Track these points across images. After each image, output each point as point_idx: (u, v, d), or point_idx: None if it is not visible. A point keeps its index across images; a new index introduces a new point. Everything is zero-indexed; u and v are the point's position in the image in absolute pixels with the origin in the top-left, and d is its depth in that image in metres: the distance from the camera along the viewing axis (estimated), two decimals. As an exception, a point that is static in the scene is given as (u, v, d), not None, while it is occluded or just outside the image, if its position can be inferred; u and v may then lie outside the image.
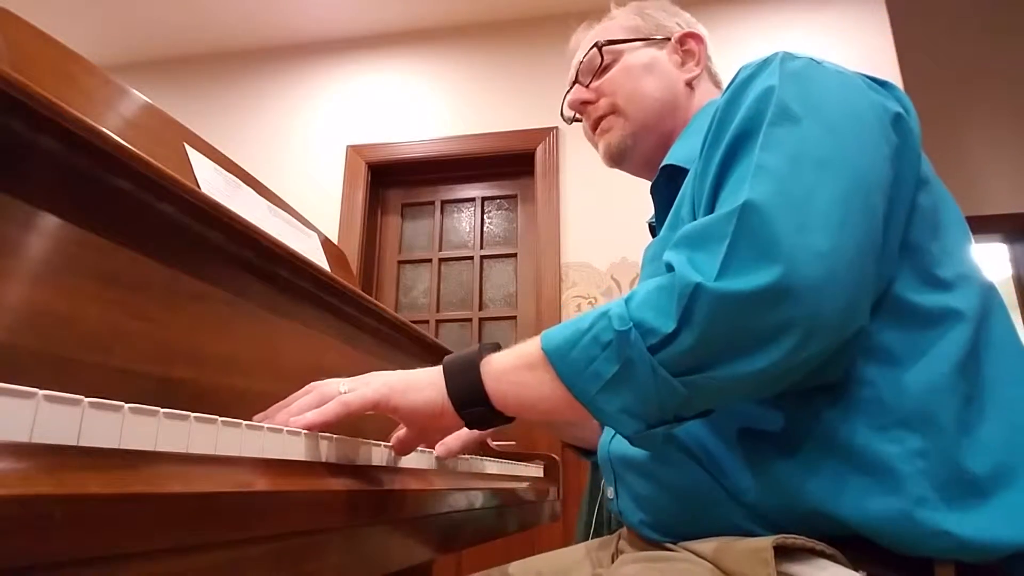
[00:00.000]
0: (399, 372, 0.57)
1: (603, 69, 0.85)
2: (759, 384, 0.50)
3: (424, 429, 0.58)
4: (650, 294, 0.50)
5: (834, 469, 0.52)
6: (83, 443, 0.28)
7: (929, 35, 2.82)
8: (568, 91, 0.89)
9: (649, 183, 0.81)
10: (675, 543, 0.62)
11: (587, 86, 0.86)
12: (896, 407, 0.52)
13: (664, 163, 0.75)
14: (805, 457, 0.54)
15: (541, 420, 0.67)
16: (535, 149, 2.63)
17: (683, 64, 0.85)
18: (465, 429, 0.59)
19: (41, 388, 0.26)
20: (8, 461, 0.24)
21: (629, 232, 2.26)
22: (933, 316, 0.54)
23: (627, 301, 0.51)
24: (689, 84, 0.83)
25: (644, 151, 0.83)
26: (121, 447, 0.30)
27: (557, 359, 0.52)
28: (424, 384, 0.55)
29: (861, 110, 0.56)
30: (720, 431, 0.59)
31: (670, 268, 0.51)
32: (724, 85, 0.79)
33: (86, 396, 0.28)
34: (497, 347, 0.58)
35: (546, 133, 2.62)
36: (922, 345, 0.54)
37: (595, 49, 0.85)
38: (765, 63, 0.59)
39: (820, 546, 0.50)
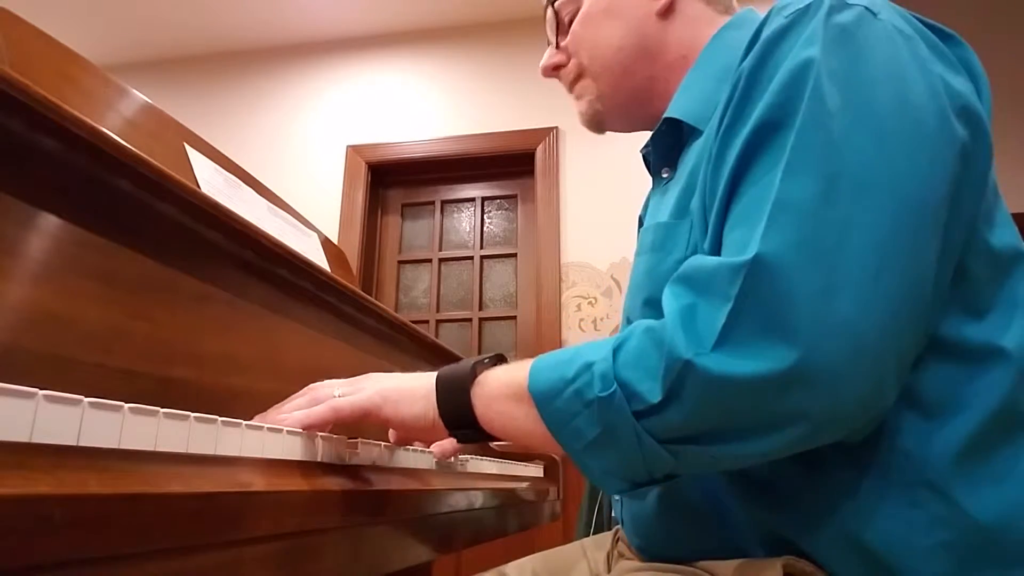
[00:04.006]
0: (395, 378, 0.56)
1: (567, 24, 0.76)
2: (760, 460, 0.46)
3: (417, 438, 0.58)
4: (640, 350, 0.44)
5: (846, 538, 0.46)
6: (83, 443, 0.28)
7: (929, 35, 2.81)
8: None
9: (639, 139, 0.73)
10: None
11: (558, 47, 0.78)
12: (924, 463, 0.45)
13: (666, 115, 0.65)
14: (814, 516, 0.48)
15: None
16: (535, 149, 2.63)
17: None
18: None
19: (41, 388, 0.26)
20: (8, 461, 0.24)
21: (629, 232, 2.22)
22: (977, 353, 0.46)
23: (616, 351, 0.45)
24: (662, 14, 0.70)
25: (619, 110, 0.74)
26: (121, 447, 0.30)
27: (542, 405, 0.48)
28: (417, 397, 0.54)
29: (921, 103, 0.45)
30: (719, 478, 0.54)
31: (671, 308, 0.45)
32: (730, 5, 0.72)
33: (86, 396, 0.28)
34: (498, 359, 0.55)
35: (546, 133, 2.62)
36: (963, 388, 0.46)
37: (550, 7, 0.77)
38: (806, 11, 0.47)
39: None
